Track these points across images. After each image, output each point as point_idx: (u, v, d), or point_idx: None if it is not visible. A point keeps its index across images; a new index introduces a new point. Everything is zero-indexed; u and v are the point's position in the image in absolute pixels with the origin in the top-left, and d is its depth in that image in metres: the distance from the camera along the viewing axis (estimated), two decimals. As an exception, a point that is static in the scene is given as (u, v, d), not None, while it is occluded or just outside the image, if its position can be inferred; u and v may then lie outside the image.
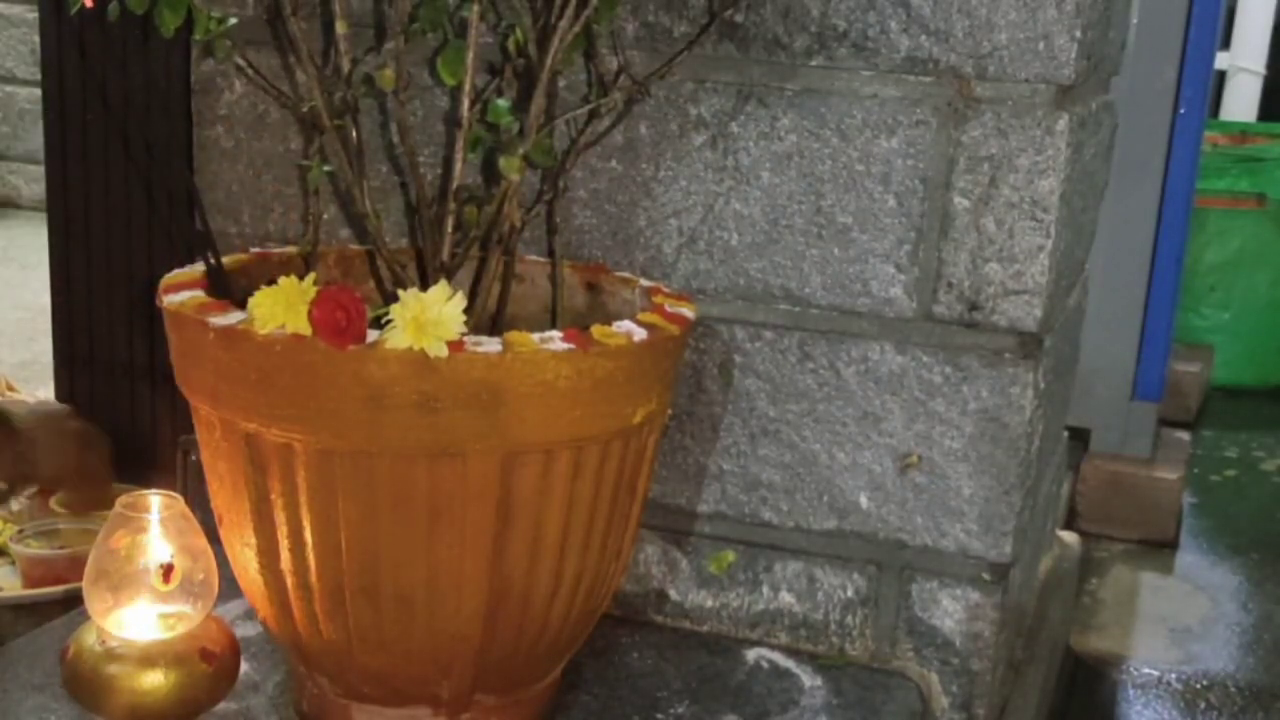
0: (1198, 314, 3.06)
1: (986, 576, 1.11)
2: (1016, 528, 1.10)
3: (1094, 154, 1.25)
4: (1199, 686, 1.77)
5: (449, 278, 0.95)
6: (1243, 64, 4.22)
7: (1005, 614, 1.14)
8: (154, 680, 0.87)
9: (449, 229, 0.96)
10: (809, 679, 1.11)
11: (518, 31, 1.00)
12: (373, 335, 0.81)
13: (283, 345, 0.82)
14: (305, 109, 1.00)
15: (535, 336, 0.84)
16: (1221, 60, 3.98)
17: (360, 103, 0.98)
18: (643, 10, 1.10)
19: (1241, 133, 3.59)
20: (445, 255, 0.97)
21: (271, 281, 0.83)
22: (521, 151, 0.94)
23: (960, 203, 1.06)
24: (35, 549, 1.59)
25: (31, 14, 3.93)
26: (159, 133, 1.79)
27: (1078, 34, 1.02)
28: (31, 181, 4.15)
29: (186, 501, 0.91)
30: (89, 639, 0.89)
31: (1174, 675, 1.80)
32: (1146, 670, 1.81)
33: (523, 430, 0.84)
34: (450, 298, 0.81)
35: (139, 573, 0.89)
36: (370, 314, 0.82)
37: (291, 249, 1.06)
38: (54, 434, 1.64)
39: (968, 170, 1.05)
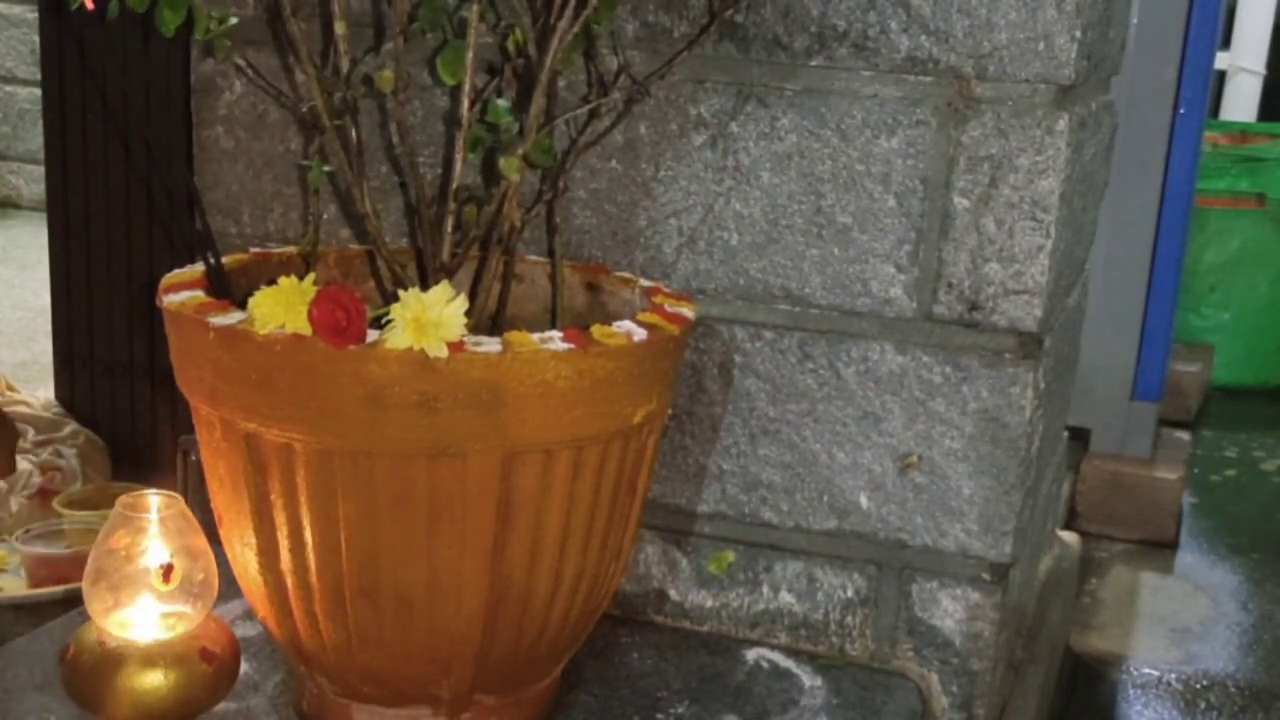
0: (1198, 314, 3.06)
1: (986, 576, 1.11)
2: (1016, 528, 1.10)
3: (1094, 154, 1.25)
4: (1199, 686, 1.77)
5: (449, 278, 0.95)
6: (1243, 64, 4.22)
7: (1005, 614, 1.14)
8: (154, 680, 0.87)
9: (449, 229, 0.96)
10: (809, 679, 1.11)
11: (518, 31, 1.00)
12: (373, 335, 0.81)
13: (283, 345, 0.82)
14: (305, 109, 1.00)
15: (535, 336, 0.84)
16: (1221, 60, 3.98)
17: (360, 103, 0.98)
18: (643, 10, 1.10)
19: (1241, 133, 3.58)
20: (445, 255, 0.97)
21: (271, 281, 0.83)
22: (521, 151, 0.94)
23: (960, 203, 1.06)
24: (39, 549, 1.59)
25: (31, 14, 3.93)
26: (159, 133, 1.80)
27: (1078, 34, 1.02)
28: (31, 181, 4.15)
29: (186, 501, 0.91)
30: (89, 639, 0.89)
31: (1174, 675, 1.80)
32: (1146, 670, 1.81)
33: (523, 430, 0.84)
34: (451, 299, 0.81)
35: (139, 573, 0.89)
36: (370, 314, 0.82)
37: (291, 249, 1.06)
38: None
39: (968, 170, 1.05)
